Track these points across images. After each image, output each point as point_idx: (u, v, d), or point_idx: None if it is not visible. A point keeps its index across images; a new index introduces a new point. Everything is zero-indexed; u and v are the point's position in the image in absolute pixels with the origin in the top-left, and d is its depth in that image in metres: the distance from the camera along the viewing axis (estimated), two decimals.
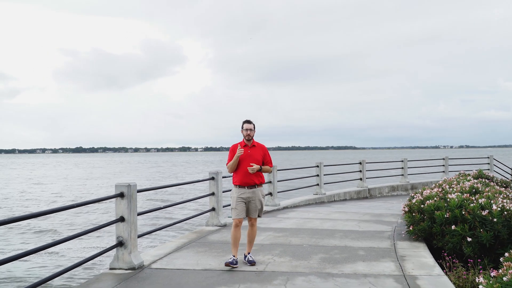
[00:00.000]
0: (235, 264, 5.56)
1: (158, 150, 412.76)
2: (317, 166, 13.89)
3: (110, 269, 5.57)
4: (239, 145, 5.81)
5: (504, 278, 3.31)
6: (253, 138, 5.92)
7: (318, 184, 13.76)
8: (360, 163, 15.68)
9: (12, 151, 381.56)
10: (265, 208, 10.88)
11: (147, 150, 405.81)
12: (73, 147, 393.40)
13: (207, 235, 7.65)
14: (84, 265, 8.15)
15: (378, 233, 7.85)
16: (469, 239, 5.95)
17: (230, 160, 5.89)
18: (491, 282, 3.45)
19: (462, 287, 5.01)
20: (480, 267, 5.67)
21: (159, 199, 23.34)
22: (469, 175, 10.97)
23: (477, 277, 3.74)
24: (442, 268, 5.63)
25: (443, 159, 19.83)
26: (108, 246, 5.78)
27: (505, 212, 6.12)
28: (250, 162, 5.72)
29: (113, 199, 5.65)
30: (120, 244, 5.56)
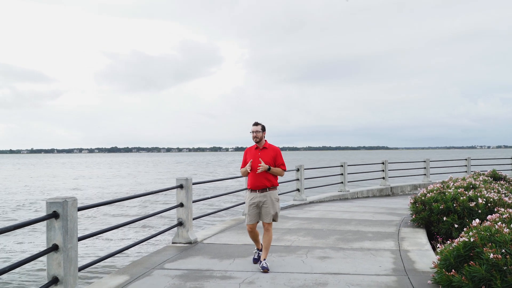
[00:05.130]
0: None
1: (189, 150, 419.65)
2: (341, 166, 15.32)
3: (172, 243, 7.29)
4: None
5: (455, 240, 4.79)
6: (266, 140, 5.82)
7: (342, 182, 15.18)
8: (383, 163, 16.96)
9: (51, 150, 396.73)
10: (293, 202, 12.43)
11: (179, 150, 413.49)
12: (109, 147, 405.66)
13: (244, 222, 9.27)
14: (152, 240, 10.20)
15: (388, 221, 9.28)
16: (456, 226, 7.32)
17: (244, 164, 5.89)
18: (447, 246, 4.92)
19: None
20: None
21: (196, 193, 25.42)
22: (483, 174, 12.13)
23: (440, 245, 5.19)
24: (434, 247, 7.04)
25: (466, 159, 20.81)
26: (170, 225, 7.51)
27: (489, 204, 7.44)
28: (258, 163, 5.66)
29: (174, 189, 7.38)
30: (180, 224, 7.26)
